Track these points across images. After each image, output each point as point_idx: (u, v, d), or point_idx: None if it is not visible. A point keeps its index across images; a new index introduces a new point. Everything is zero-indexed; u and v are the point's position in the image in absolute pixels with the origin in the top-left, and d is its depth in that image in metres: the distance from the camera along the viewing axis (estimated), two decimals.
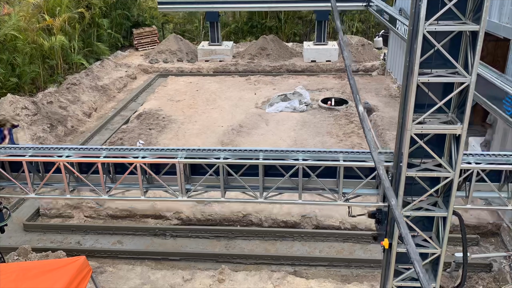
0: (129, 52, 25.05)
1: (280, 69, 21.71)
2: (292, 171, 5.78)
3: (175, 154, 5.98)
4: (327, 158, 5.81)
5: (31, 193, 6.29)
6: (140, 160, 5.94)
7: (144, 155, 5.99)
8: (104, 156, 6.02)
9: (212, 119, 16.36)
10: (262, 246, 9.88)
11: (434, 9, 4.36)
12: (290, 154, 5.88)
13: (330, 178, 5.98)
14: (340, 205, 6.02)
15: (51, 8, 19.65)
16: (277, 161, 5.83)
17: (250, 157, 5.90)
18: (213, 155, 5.94)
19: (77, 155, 6.07)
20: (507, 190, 5.78)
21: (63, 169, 6.05)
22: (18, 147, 6.45)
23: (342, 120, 15.84)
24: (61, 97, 16.91)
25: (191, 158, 5.95)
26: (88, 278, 5.85)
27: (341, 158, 5.80)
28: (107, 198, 6.23)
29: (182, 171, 5.92)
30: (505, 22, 10.07)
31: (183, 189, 6.05)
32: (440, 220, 5.53)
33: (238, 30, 27.93)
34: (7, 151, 6.24)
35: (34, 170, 6.29)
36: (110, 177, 6.29)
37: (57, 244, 10.05)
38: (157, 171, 6.12)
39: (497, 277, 8.56)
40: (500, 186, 5.80)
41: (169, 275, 8.70)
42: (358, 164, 5.76)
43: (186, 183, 6.10)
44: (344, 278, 8.93)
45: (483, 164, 5.56)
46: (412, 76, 4.60)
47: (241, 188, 6.05)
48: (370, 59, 22.10)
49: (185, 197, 6.09)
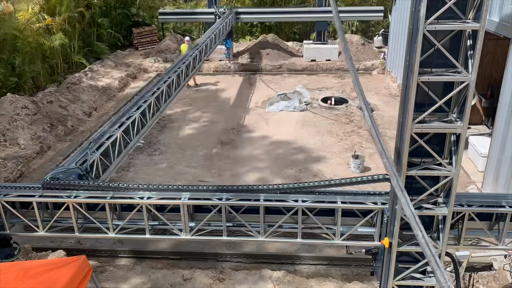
0: (129, 52, 25.03)
1: (280, 68, 21.70)
2: (292, 212, 5.98)
3: (179, 195, 6.17)
4: (325, 200, 6.01)
5: (40, 231, 6.50)
6: (146, 201, 6.13)
7: (149, 196, 6.19)
8: (110, 197, 6.22)
9: (212, 118, 16.37)
10: (262, 245, 9.89)
11: (434, 8, 4.36)
12: (290, 195, 6.07)
13: (328, 216, 6.15)
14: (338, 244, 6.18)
15: (52, 7, 19.64)
16: (278, 203, 6.02)
17: (251, 198, 6.09)
18: (216, 195, 6.14)
19: (85, 196, 6.28)
20: (498, 229, 5.96)
21: (72, 209, 6.25)
22: (28, 186, 6.61)
23: (342, 119, 15.85)
24: (61, 97, 16.91)
25: (194, 199, 6.14)
26: (88, 278, 5.85)
27: (339, 199, 5.96)
28: (114, 236, 6.43)
29: (186, 211, 6.12)
30: (505, 21, 10.07)
31: (187, 227, 6.26)
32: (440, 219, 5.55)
33: (238, 30, 27.91)
34: (17, 191, 6.45)
35: (44, 208, 6.49)
36: (117, 214, 6.49)
37: (57, 243, 10.05)
38: (162, 207, 6.31)
39: (497, 276, 8.57)
40: (491, 225, 6.00)
41: (169, 275, 8.71)
42: (356, 206, 5.92)
43: (190, 220, 6.29)
44: (344, 277, 8.94)
45: (474, 206, 5.75)
46: (412, 75, 4.60)
47: (243, 227, 6.26)
48: (370, 58, 22.10)
49: (189, 235, 6.29)
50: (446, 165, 5.11)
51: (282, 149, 13.93)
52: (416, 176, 5.18)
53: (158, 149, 14.14)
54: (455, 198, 5.24)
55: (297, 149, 13.91)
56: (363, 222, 5.96)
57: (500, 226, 5.94)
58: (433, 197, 5.42)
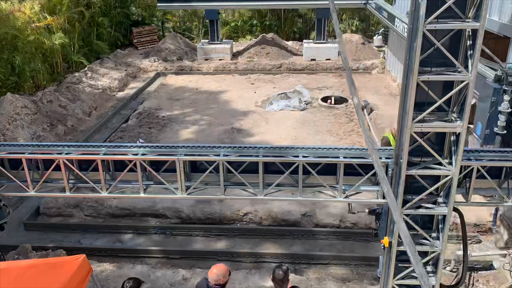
0: (128, 51, 25.01)
1: (280, 68, 21.68)
2: (292, 168, 5.77)
3: (175, 151, 5.98)
4: (327, 155, 5.80)
5: (30, 191, 6.27)
6: (140, 157, 5.93)
7: (143, 152, 5.98)
8: (103, 153, 6.01)
9: (212, 117, 16.35)
10: (262, 244, 9.89)
11: (433, 7, 4.36)
12: (290, 151, 5.87)
13: (330, 175, 5.97)
14: (340, 202, 6.01)
15: (52, 6, 19.62)
16: (277, 158, 5.83)
17: (250, 154, 5.90)
18: (213, 152, 5.93)
19: (77, 152, 6.06)
20: (508, 187, 5.77)
21: (63, 167, 6.04)
22: (18, 144, 6.43)
23: (342, 119, 15.84)
24: (61, 96, 16.90)
25: (191, 155, 5.94)
26: (88, 277, 5.84)
27: (341, 155, 5.79)
28: (107, 195, 6.22)
29: (182, 168, 5.91)
30: (505, 20, 10.06)
31: (182, 186, 6.04)
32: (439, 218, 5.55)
33: (238, 29, 27.90)
34: (7, 149, 6.22)
35: (34, 167, 6.27)
36: (110, 174, 6.28)
37: (57, 243, 10.04)
38: (156, 168, 6.10)
39: (497, 275, 8.57)
40: (500, 183, 5.79)
41: (169, 274, 8.70)
42: (358, 161, 5.75)
43: (186, 180, 6.09)
44: (344, 276, 8.94)
45: (483, 160, 5.54)
46: (412, 75, 4.60)
47: (241, 185, 6.04)
48: (370, 58, 22.08)
49: (185, 194, 6.08)
50: (446, 165, 5.12)
51: None
52: (416, 175, 5.18)
53: None
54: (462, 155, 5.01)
55: None
56: (365, 179, 5.76)
57: (510, 183, 5.72)
58: (433, 196, 5.42)
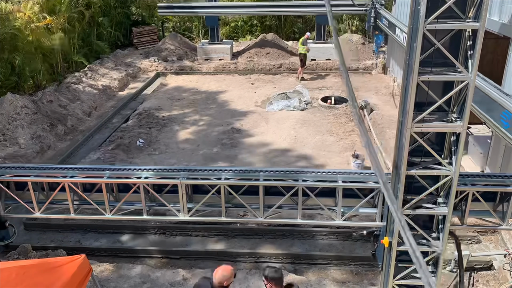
0: (128, 51, 25.00)
1: (280, 68, 21.69)
2: (292, 192, 5.87)
3: (177, 174, 6.07)
4: (326, 179, 5.89)
5: (36, 212, 6.41)
6: (143, 180, 6.04)
7: (147, 176, 6.08)
8: (107, 176, 6.12)
9: (211, 117, 16.36)
10: (262, 244, 9.88)
11: (434, 7, 4.36)
12: (290, 175, 5.95)
13: (329, 197, 6.06)
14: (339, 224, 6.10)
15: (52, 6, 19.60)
16: (277, 182, 5.92)
17: (250, 178, 5.98)
18: (214, 175, 6.01)
19: (81, 175, 6.17)
20: (502, 210, 5.88)
21: (68, 189, 6.16)
22: (23, 167, 6.52)
23: (342, 119, 15.84)
24: (61, 96, 16.90)
25: (193, 178, 6.05)
26: (88, 277, 5.84)
27: (340, 179, 5.88)
28: (110, 217, 6.32)
29: (184, 191, 6.03)
30: (505, 20, 10.05)
31: (185, 208, 6.17)
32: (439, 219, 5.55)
33: (238, 29, 27.88)
34: (12, 171, 6.33)
35: (39, 189, 6.39)
36: (114, 196, 6.39)
37: (57, 243, 10.05)
38: (159, 189, 6.22)
39: (497, 275, 8.58)
40: (495, 206, 5.91)
41: (169, 274, 8.70)
42: (357, 185, 5.85)
43: (188, 201, 6.20)
44: (344, 276, 8.94)
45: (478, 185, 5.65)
46: (412, 75, 4.60)
47: (242, 207, 6.14)
48: (370, 58, 22.08)
49: (187, 216, 6.20)
50: (446, 165, 5.12)
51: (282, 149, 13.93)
52: (416, 175, 5.18)
53: (158, 148, 14.13)
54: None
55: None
56: (364, 202, 5.83)
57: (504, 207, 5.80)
58: (433, 196, 5.42)
